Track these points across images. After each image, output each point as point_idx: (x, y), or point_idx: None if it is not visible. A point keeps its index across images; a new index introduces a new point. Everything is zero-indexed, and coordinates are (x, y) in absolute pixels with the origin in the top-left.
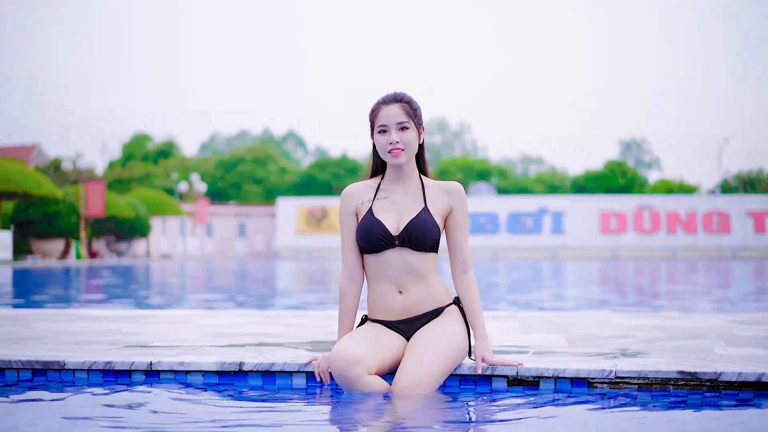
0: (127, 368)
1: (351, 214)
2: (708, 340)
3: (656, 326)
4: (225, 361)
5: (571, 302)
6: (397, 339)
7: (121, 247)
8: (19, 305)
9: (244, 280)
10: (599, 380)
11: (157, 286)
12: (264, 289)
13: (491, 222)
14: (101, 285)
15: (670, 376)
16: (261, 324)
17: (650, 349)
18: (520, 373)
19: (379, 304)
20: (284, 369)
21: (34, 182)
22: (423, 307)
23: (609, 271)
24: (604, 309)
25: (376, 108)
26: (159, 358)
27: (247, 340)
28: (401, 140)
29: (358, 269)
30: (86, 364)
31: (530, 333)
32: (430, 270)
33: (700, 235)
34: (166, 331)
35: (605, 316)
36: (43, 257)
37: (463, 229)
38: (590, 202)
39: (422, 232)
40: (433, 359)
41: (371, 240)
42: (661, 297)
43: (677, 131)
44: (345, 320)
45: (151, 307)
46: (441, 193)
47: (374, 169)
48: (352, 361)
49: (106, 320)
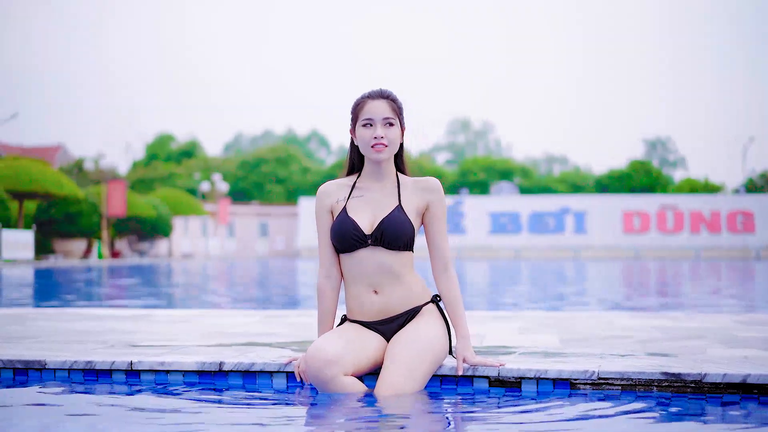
0: (108, 368)
1: (326, 213)
2: (705, 341)
3: (657, 327)
4: (205, 361)
5: (581, 303)
6: (376, 339)
7: (143, 246)
8: (26, 304)
9: (261, 280)
10: (582, 381)
11: (171, 285)
12: (277, 289)
13: (513, 222)
14: (116, 285)
15: (653, 377)
16: (260, 323)
17: (642, 350)
18: (501, 373)
19: (356, 305)
20: (264, 369)
21: (56, 182)
22: (400, 306)
23: (628, 271)
24: (614, 310)
25: (361, 102)
26: (142, 357)
27: (240, 339)
28: (386, 136)
29: (335, 268)
30: (66, 363)
31: (526, 333)
32: (406, 269)
33: (724, 235)
34: (162, 331)
35: (609, 317)
36: (66, 257)
37: (440, 226)
38: (613, 202)
39: (395, 230)
40: (414, 363)
41: (344, 239)
42: (676, 297)
43: (703, 130)
44: (324, 320)
45: (158, 307)
46: (416, 189)
47: (350, 166)
48: (328, 361)
49: (106, 319)
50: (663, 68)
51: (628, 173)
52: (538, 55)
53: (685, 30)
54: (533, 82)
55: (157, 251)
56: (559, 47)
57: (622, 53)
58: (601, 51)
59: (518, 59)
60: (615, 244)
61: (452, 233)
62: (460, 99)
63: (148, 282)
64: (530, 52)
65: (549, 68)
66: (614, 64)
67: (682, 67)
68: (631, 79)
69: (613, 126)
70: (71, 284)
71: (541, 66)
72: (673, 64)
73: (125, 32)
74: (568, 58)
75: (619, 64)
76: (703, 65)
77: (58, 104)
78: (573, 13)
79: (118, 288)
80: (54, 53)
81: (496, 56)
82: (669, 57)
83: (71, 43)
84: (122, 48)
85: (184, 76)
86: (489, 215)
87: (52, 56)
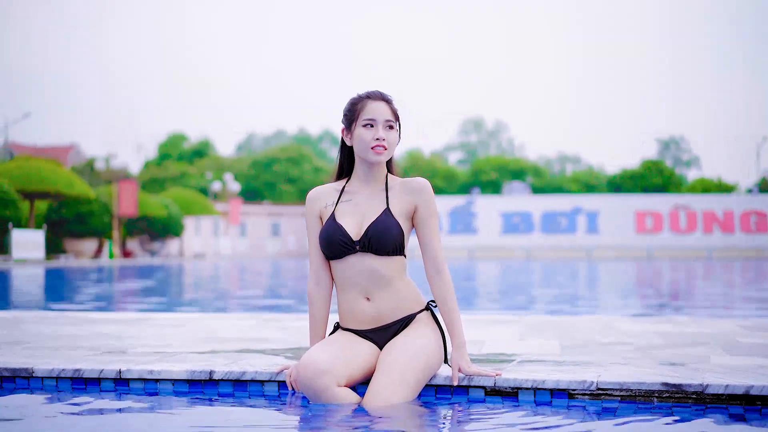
0: (96, 376)
1: (316, 218)
2: (707, 347)
3: (659, 332)
4: (195, 370)
5: (585, 305)
6: (369, 348)
7: (154, 246)
8: (27, 307)
9: (267, 281)
10: (580, 392)
11: (176, 287)
12: (282, 290)
13: (525, 221)
14: (121, 286)
15: (654, 387)
16: (257, 328)
17: (642, 357)
18: (497, 383)
19: (348, 313)
20: (255, 378)
21: (67, 182)
22: (393, 314)
23: (638, 272)
24: (617, 313)
25: (361, 101)
26: (132, 365)
27: (234, 345)
28: (387, 138)
29: (326, 275)
30: (54, 371)
31: (526, 339)
32: (397, 275)
33: (738, 235)
34: (157, 336)
35: (610, 321)
36: (77, 256)
37: (430, 227)
38: (625, 202)
39: (382, 235)
40: (405, 374)
41: (332, 246)
42: (683, 299)
43: (716, 130)
44: (316, 329)
45: (157, 310)
46: (404, 191)
47: (340, 170)
48: (320, 371)
49: (101, 324)
50: (678, 68)
51: (640, 173)
52: (551, 54)
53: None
54: (546, 82)
55: (169, 251)
56: (572, 47)
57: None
58: (615, 50)
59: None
60: (627, 244)
61: (464, 233)
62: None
63: (154, 283)
64: (543, 51)
65: (563, 68)
66: (628, 64)
67: (697, 66)
68: (644, 79)
69: (626, 125)
70: (77, 285)
71: (554, 65)
72: (688, 63)
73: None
74: (582, 57)
75: (633, 63)
76: (717, 64)
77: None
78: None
79: (122, 289)
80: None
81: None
82: (683, 56)
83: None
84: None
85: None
86: (501, 215)
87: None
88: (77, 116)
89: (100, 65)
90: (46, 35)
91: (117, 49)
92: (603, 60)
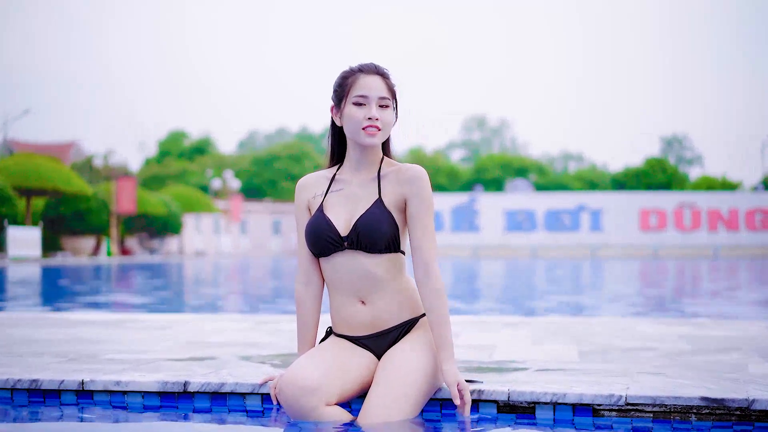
0: (56, 387)
1: (304, 210)
2: (741, 353)
3: (684, 335)
4: (167, 381)
5: (596, 305)
6: (366, 358)
7: (154, 244)
8: (7, 308)
9: (264, 280)
10: (606, 407)
11: (171, 285)
12: (279, 290)
13: (529, 219)
14: (113, 284)
15: (692, 402)
16: (246, 331)
17: (672, 365)
18: (512, 398)
19: (341, 317)
20: (236, 390)
21: (65, 179)
22: (391, 319)
23: (645, 270)
24: (631, 313)
25: (352, 75)
26: (96, 375)
27: (216, 351)
28: (381, 118)
29: (316, 274)
30: (9, 382)
31: (540, 344)
32: (393, 274)
33: (743, 233)
34: (135, 340)
35: (629, 323)
36: (74, 254)
37: (421, 223)
38: (630, 199)
39: (372, 230)
40: (405, 388)
41: (318, 242)
42: (696, 299)
43: (720, 128)
44: (304, 335)
45: (143, 310)
46: (397, 180)
47: (332, 155)
48: (307, 389)
49: (80, 326)
50: (680, 65)
51: (644, 171)
52: (555, 52)
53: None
54: (550, 80)
55: (168, 249)
56: (575, 44)
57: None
58: (619, 48)
59: (534, 56)
60: (632, 242)
61: (467, 231)
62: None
63: (148, 282)
64: (547, 48)
65: (566, 65)
66: (632, 62)
67: (700, 64)
68: (647, 77)
69: (629, 123)
70: (67, 284)
71: (558, 63)
72: (691, 61)
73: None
74: (586, 55)
75: (636, 61)
76: (720, 62)
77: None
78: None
79: (113, 288)
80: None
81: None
82: (686, 54)
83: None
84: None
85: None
86: (504, 213)
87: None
88: (79, 114)
89: (102, 63)
90: (46, 34)
91: (118, 47)
92: (606, 58)
